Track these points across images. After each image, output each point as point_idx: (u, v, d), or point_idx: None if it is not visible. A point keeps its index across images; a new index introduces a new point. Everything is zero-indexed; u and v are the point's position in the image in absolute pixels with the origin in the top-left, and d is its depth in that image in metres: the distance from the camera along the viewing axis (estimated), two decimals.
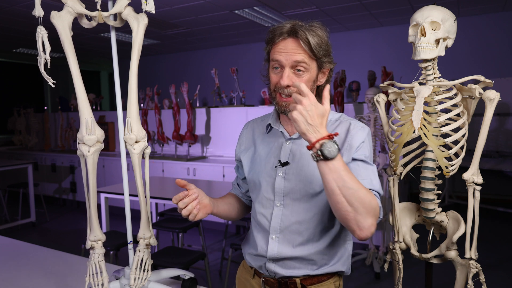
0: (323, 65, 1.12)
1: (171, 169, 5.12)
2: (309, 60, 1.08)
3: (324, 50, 1.09)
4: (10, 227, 5.03)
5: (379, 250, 3.61)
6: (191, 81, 7.29)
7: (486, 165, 4.78)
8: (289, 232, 1.16)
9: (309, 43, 1.06)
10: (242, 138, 1.35)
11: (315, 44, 1.06)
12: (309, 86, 1.10)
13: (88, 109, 1.14)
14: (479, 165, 1.59)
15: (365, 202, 0.95)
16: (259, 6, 4.98)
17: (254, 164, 1.25)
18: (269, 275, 1.20)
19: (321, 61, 1.10)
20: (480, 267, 1.60)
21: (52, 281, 1.46)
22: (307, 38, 1.05)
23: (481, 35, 5.70)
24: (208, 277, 2.87)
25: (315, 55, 1.08)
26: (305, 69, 1.08)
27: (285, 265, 1.17)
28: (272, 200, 1.18)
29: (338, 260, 1.21)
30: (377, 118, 3.49)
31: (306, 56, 1.07)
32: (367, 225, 0.96)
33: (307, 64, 1.08)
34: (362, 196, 0.94)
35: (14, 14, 5.02)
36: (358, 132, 1.13)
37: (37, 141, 7.05)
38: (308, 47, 1.06)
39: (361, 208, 0.94)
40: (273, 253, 1.17)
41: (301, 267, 1.17)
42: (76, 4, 1.11)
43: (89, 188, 1.17)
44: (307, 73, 1.09)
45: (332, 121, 1.18)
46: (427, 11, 1.53)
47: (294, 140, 1.18)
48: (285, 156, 1.17)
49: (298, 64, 1.07)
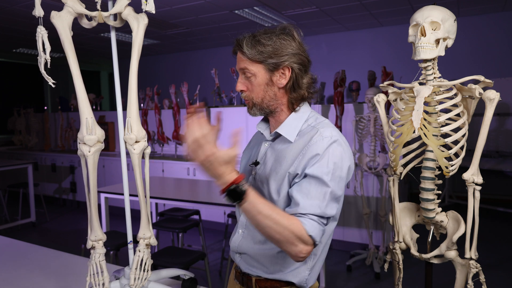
0: (275, 65, 1.13)
1: (171, 169, 5.12)
2: (251, 66, 1.14)
3: (268, 54, 1.12)
4: (10, 227, 5.03)
5: (379, 250, 3.61)
6: (191, 81, 7.28)
7: (486, 165, 4.78)
8: (252, 227, 1.19)
9: (244, 52, 1.14)
10: (253, 139, 1.40)
11: (251, 51, 1.13)
12: (260, 90, 1.15)
13: (88, 109, 1.14)
14: (479, 165, 1.59)
15: (285, 234, 0.99)
16: (259, 6, 4.98)
17: (243, 161, 1.34)
18: (238, 267, 1.28)
19: (266, 63, 1.13)
20: (480, 267, 1.60)
21: (52, 281, 1.46)
22: (243, 47, 1.14)
23: (481, 35, 5.70)
24: (208, 277, 2.87)
25: (256, 61, 1.14)
26: (251, 74, 1.15)
27: (246, 260, 1.23)
28: None
29: (291, 270, 1.18)
30: (377, 118, 3.50)
31: (248, 63, 1.14)
32: (293, 252, 1.02)
33: (251, 69, 1.15)
34: (280, 230, 0.99)
35: (14, 14, 5.03)
36: (317, 142, 1.09)
37: (37, 141, 7.05)
38: (245, 55, 1.14)
39: (283, 240, 1.00)
40: (234, 245, 1.25)
41: (257, 266, 1.21)
42: (76, 4, 1.11)
43: (90, 188, 1.17)
44: (254, 77, 1.15)
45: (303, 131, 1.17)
46: (427, 11, 1.53)
47: (270, 142, 1.23)
48: (260, 156, 1.23)
49: (243, 71, 1.16)
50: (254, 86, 1.15)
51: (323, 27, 6.26)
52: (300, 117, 1.19)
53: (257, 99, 1.16)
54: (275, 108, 1.18)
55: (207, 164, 0.94)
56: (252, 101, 1.17)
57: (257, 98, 1.16)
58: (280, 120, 1.20)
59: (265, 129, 1.27)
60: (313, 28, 6.28)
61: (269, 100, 1.17)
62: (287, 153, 1.14)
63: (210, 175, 0.97)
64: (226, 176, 0.96)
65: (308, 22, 5.89)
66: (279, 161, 1.15)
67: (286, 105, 1.19)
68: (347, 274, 3.53)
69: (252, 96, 1.17)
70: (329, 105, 4.44)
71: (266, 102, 1.17)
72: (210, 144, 0.94)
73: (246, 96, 1.18)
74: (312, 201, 1.04)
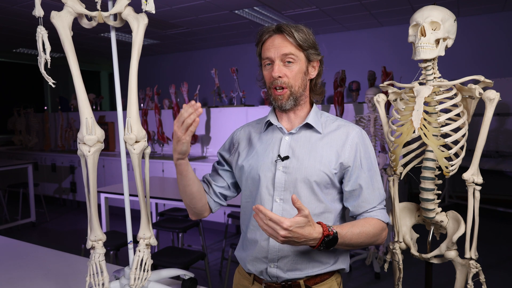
0: (311, 57, 1.18)
1: (171, 169, 5.12)
2: (296, 52, 1.15)
3: (310, 43, 1.16)
4: (10, 227, 5.03)
5: (379, 250, 3.61)
6: (191, 81, 7.29)
7: (486, 165, 4.78)
8: None
9: (294, 36, 1.13)
10: (234, 139, 1.33)
11: (300, 36, 1.14)
12: (299, 78, 1.16)
13: (88, 109, 1.14)
14: (479, 165, 1.59)
15: (373, 236, 1.14)
16: (259, 6, 4.98)
17: (251, 161, 1.23)
18: (271, 280, 1.18)
19: (308, 52, 1.16)
20: (480, 267, 1.60)
21: (52, 281, 1.46)
22: (291, 31, 1.13)
23: (481, 35, 5.70)
24: (208, 277, 2.87)
25: (301, 47, 1.15)
26: (294, 60, 1.14)
27: (287, 267, 1.15)
28: (271, 196, 1.17)
29: (339, 258, 1.21)
30: (377, 118, 3.49)
31: (293, 48, 1.14)
32: (382, 241, 1.21)
33: (295, 56, 1.14)
34: (370, 237, 1.13)
35: (14, 14, 5.03)
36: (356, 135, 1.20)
37: (37, 141, 7.04)
38: (294, 40, 1.13)
39: (374, 240, 1.16)
40: (274, 250, 1.15)
41: (303, 268, 1.15)
42: (76, 4, 1.11)
43: (90, 188, 1.17)
44: (296, 64, 1.15)
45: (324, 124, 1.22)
46: (427, 11, 1.53)
47: (292, 135, 1.21)
48: (285, 150, 1.18)
49: (286, 56, 1.14)
50: (294, 73, 1.15)
51: (323, 27, 6.26)
52: (317, 111, 1.24)
53: (295, 87, 1.16)
54: (301, 100, 1.20)
55: (292, 233, 0.97)
56: (290, 89, 1.15)
57: (295, 86, 1.16)
58: (300, 113, 1.22)
59: (279, 123, 1.24)
60: (313, 28, 6.26)
61: (302, 91, 1.19)
62: (325, 144, 1.17)
63: (300, 244, 1.01)
64: (314, 234, 1.00)
65: (308, 22, 5.89)
66: (317, 151, 1.16)
67: (308, 98, 1.24)
68: (347, 274, 3.53)
69: (292, 84, 1.15)
70: (329, 105, 4.44)
71: (300, 92, 1.18)
72: (300, 229, 0.98)
73: (285, 83, 1.14)
74: (375, 192, 1.18)
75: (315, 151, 1.16)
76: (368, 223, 1.13)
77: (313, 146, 1.17)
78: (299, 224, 0.95)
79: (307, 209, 0.97)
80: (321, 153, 1.15)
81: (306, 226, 0.97)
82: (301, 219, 0.96)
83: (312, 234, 0.98)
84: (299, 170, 1.14)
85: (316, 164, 1.14)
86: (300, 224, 0.96)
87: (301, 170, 1.14)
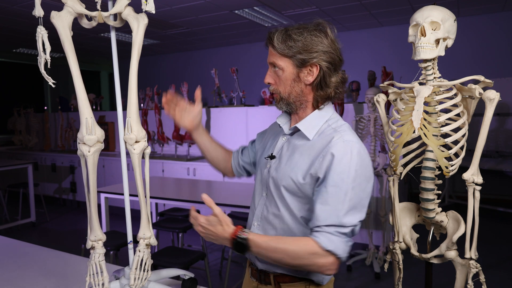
0: (303, 61, 1.13)
1: (171, 169, 5.12)
2: (280, 60, 1.15)
3: (298, 48, 1.11)
4: (10, 227, 5.03)
5: (379, 250, 3.61)
6: (191, 81, 7.28)
7: (486, 165, 4.78)
8: (266, 222, 1.21)
9: (274, 46, 1.14)
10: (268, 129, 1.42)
11: (281, 45, 1.13)
12: (288, 85, 1.16)
13: (88, 109, 1.14)
14: (479, 165, 1.59)
15: (296, 258, 1.04)
16: (259, 6, 4.97)
17: (260, 154, 1.35)
18: (253, 265, 1.27)
19: (295, 58, 1.13)
20: (480, 267, 1.60)
21: (52, 281, 1.46)
22: (273, 41, 1.14)
23: (481, 35, 5.70)
24: (208, 277, 2.86)
25: (285, 55, 1.14)
26: (279, 69, 1.16)
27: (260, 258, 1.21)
28: (261, 190, 1.26)
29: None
30: (377, 118, 3.49)
31: (277, 57, 1.15)
32: (318, 269, 1.07)
33: (279, 64, 1.15)
34: (293, 256, 1.04)
35: (14, 14, 5.02)
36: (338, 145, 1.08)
37: (37, 141, 7.04)
38: (275, 49, 1.14)
39: (301, 263, 1.05)
40: None
41: (273, 264, 1.18)
42: (76, 4, 1.11)
43: (89, 188, 1.17)
44: (282, 71, 1.16)
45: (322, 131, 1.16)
46: (427, 11, 1.53)
47: (288, 137, 1.23)
48: (277, 150, 1.24)
49: (273, 65, 1.17)
50: (281, 81, 1.17)
51: None
52: (322, 116, 1.18)
53: (284, 93, 1.17)
54: (300, 104, 1.19)
55: (207, 227, 1.10)
56: (279, 95, 1.19)
57: (284, 93, 1.17)
58: (302, 116, 1.21)
59: (285, 123, 1.26)
60: None
61: (296, 96, 1.17)
62: (304, 151, 1.14)
63: (211, 240, 1.12)
64: (225, 234, 1.07)
65: None
66: (295, 157, 1.15)
67: (311, 102, 1.19)
68: (347, 274, 3.53)
69: (280, 90, 1.18)
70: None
71: (292, 98, 1.17)
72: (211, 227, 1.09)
73: (273, 89, 1.20)
74: (330, 211, 1.03)
75: (293, 157, 1.16)
76: (295, 242, 1.05)
77: (295, 151, 1.17)
78: (210, 222, 1.08)
79: (218, 208, 1.08)
80: (297, 160, 1.14)
81: (218, 225, 1.07)
82: (213, 218, 1.08)
83: (223, 234, 1.07)
84: (275, 171, 1.19)
85: (287, 169, 1.15)
86: (212, 223, 1.08)
87: (277, 172, 1.18)
